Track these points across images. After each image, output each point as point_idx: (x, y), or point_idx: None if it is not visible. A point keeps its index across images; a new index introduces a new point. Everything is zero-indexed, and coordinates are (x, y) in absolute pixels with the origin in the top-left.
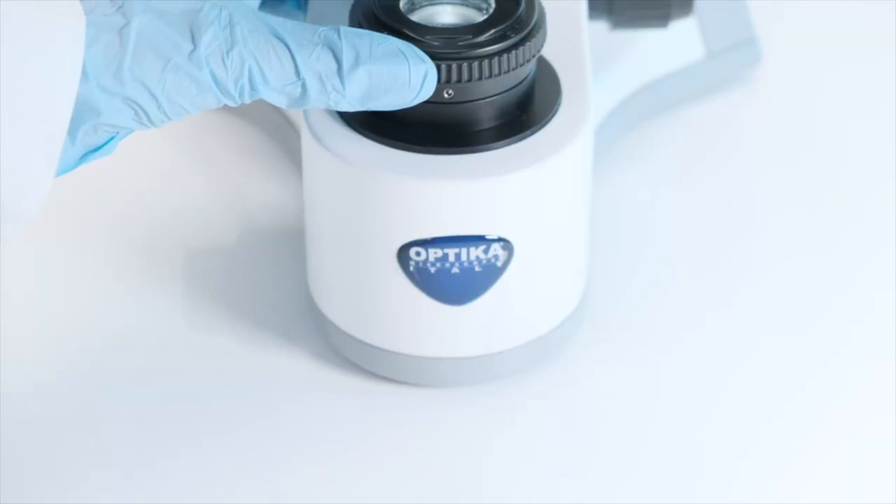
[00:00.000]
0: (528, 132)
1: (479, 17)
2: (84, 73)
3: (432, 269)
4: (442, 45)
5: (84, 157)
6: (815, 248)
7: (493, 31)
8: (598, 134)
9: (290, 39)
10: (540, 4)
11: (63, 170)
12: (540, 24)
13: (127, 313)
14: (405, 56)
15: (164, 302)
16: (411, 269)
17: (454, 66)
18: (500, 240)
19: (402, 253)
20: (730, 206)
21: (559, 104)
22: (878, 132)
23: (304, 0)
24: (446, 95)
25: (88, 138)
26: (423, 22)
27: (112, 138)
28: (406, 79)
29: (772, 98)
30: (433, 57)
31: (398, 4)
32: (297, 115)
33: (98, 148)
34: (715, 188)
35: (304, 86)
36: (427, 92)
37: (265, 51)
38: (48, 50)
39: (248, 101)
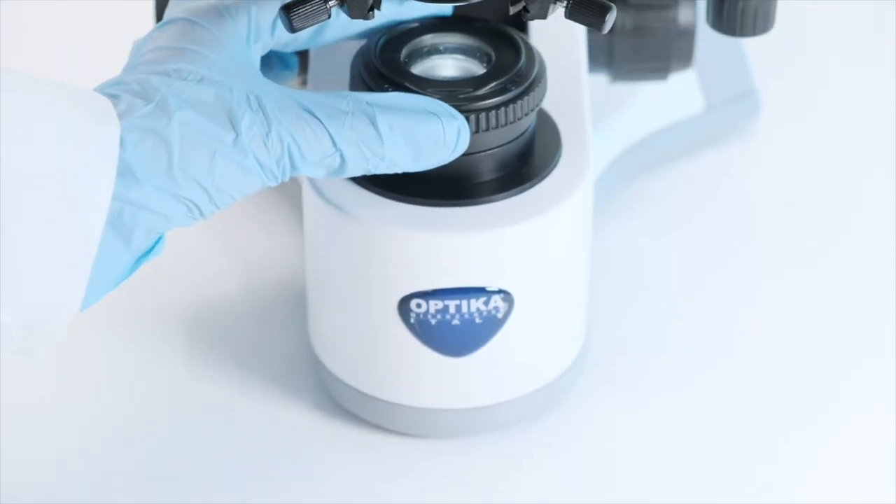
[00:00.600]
0: (528, 184)
1: (480, 70)
2: (135, 177)
3: (433, 321)
4: (443, 98)
5: (137, 262)
6: (816, 300)
7: (493, 84)
8: (598, 185)
9: (319, 112)
10: (540, 57)
11: (119, 279)
12: (540, 77)
13: (129, 362)
14: (436, 114)
15: (166, 351)
16: (412, 320)
17: None
18: (500, 291)
19: (403, 304)
20: (729, 257)
21: (559, 156)
22: (877, 185)
23: (293, 62)
24: None
25: (142, 242)
26: (423, 75)
27: (160, 238)
28: (441, 136)
29: (771, 150)
30: None
31: (399, 57)
32: None
33: (149, 250)
34: (714, 239)
35: (342, 156)
36: (462, 147)
37: (300, 127)
38: (81, 159)
39: (287, 179)
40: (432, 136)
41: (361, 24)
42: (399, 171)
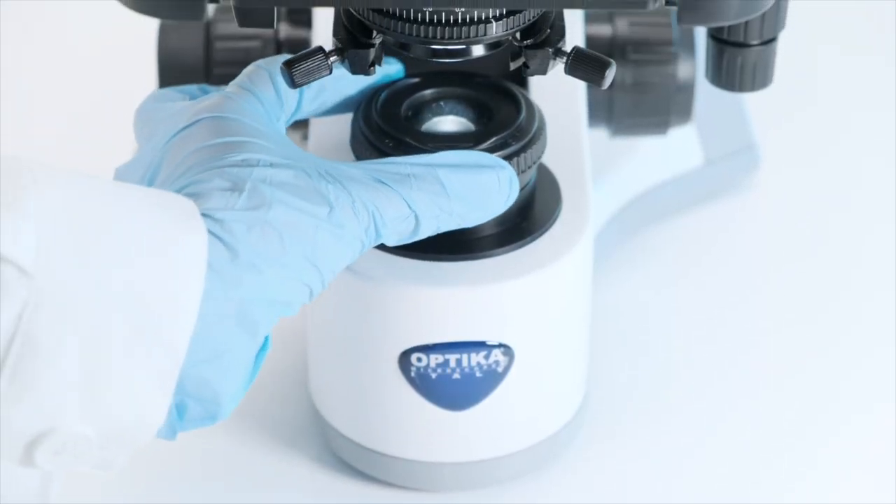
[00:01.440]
0: (528, 239)
1: (480, 125)
2: (254, 267)
3: (433, 375)
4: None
5: (258, 358)
6: (816, 354)
7: (494, 139)
8: (599, 240)
9: (386, 178)
10: (540, 112)
11: (251, 378)
12: (540, 132)
13: None
14: (488, 166)
15: None
16: (412, 374)
17: None
18: (500, 346)
19: (404, 359)
20: (729, 311)
21: (559, 211)
22: (877, 240)
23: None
24: None
25: (264, 334)
26: (425, 130)
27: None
28: (496, 185)
29: (770, 204)
30: None
31: (400, 113)
32: None
33: (263, 346)
34: (714, 293)
35: (416, 217)
36: (514, 194)
37: (376, 195)
38: (167, 273)
39: (373, 245)
40: (489, 186)
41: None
42: (465, 225)
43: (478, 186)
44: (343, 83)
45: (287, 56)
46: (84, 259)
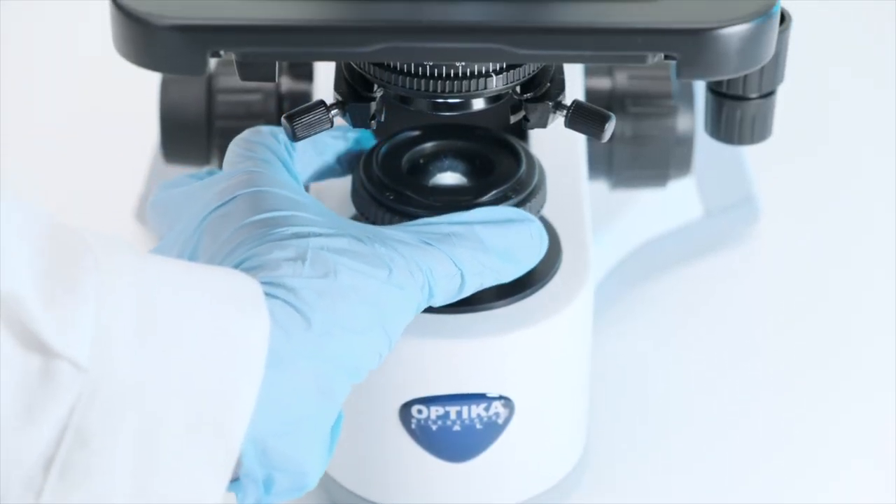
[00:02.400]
0: (528, 291)
1: (481, 178)
2: (330, 334)
3: (434, 427)
4: (444, 206)
5: (336, 427)
6: (818, 406)
7: (494, 191)
8: (599, 292)
9: (429, 238)
10: (540, 165)
11: (334, 443)
12: (540, 185)
13: None
14: (518, 220)
15: None
16: (413, 426)
17: None
18: (501, 398)
19: (404, 410)
20: (729, 363)
21: (559, 263)
22: (876, 292)
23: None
24: None
25: (342, 399)
26: (425, 183)
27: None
28: (528, 238)
29: (770, 256)
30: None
31: (400, 166)
32: None
33: (339, 415)
34: (714, 345)
35: (462, 275)
36: (545, 246)
37: (425, 255)
38: (228, 363)
39: (430, 304)
40: (522, 240)
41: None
42: (503, 280)
43: (512, 241)
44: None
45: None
46: (142, 349)
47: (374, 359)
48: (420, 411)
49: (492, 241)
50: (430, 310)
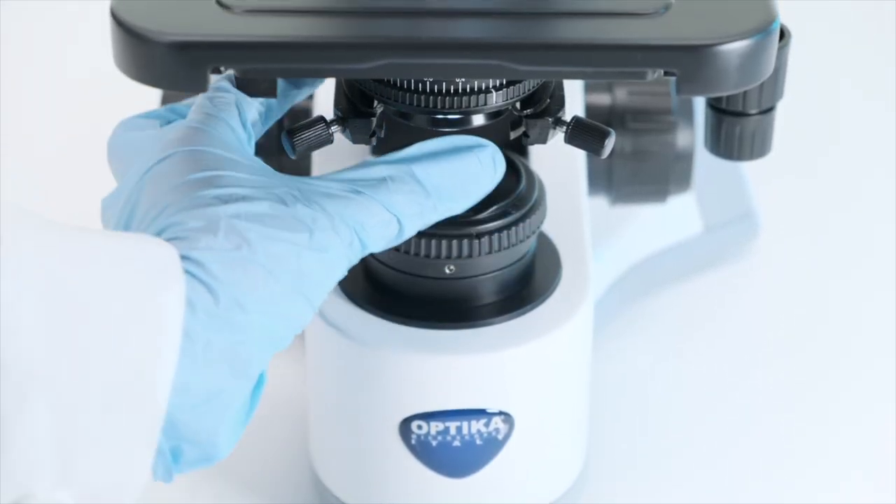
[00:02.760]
0: (528, 307)
1: None
2: (241, 307)
3: (434, 443)
4: (443, 222)
5: (254, 396)
6: (819, 420)
7: (494, 207)
8: (598, 307)
9: (362, 187)
10: (540, 181)
11: (247, 417)
12: (540, 201)
13: None
14: (467, 147)
15: None
16: (413, 442)
17: (455, 242)
18: (500, 413)
19: (404, 426)
20: (729, 378)
21: (559, 279)
22: (877, 306)
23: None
24: (447, 271)
25: (257, 371)
26: None
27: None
28: (478, 167)
29: (770, 271)
30: (435, 234)
31: None
32: None
33: (259, 383)
34: (714, 360)
35: (398, 221)
36: (501, 170)
37: (354, 207)
38: (144, 330)
39: (363, 256)
40: (471, 170)
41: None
42: (454, 213)
43: (459, 173)
44: (287, 101)
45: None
46: (52, 330)
47: (294, 327)
48: (420, 427)
49: (432, 179)
50: (430, 325)
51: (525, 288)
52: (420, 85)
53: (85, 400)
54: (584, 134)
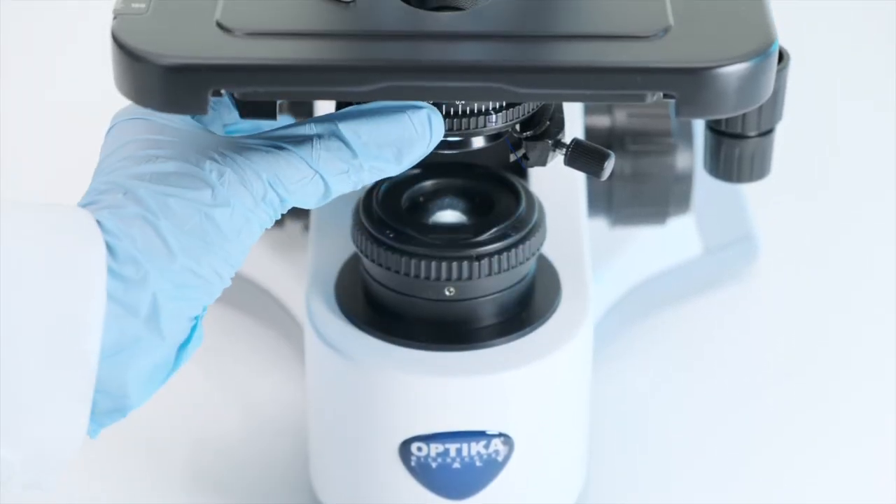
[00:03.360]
0: (528, 329)
1: (481, 216)
2: (143, 267)
3: (434, 464)
4: (443, 244)
5: (181, 352)
6: (819, 443)
7: (494, 230)
8: (598, 329)
9: (285, 143)
10: (540, 203)
11: (167, 373)
12: (540, 223)
13: None
14: (401, 109)
15: (166, 493)
16: (413, 463)
17: (455, 264)
18: (500, 435)
19: (404, 448)
20: (728, 399)
21: (559, 301)
22: (876, 328)
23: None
24: (448, 293)
25: (173, 329)
26: (424, 221)
27: (195, 326)
28: (412, 129)
29: (769, 293)
30: (435, 257)
31: (400, 204)
32: (300, 311)
33: (188, 340)
34: (714, 381)
35: (322, 178)
36: (437, 134)
37: (272, 161)
38: (69, 286)
39: (284, 211)
40: (404, 131)
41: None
42: (384, 175)
43: (389, 134)
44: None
45: None
46: None
47: (209, 286)
48: (420, 449)
49: (361, 138)
50: (429, 346)
51: (525, 310)
52: None
53: (19, 359)
54: (584, 156)
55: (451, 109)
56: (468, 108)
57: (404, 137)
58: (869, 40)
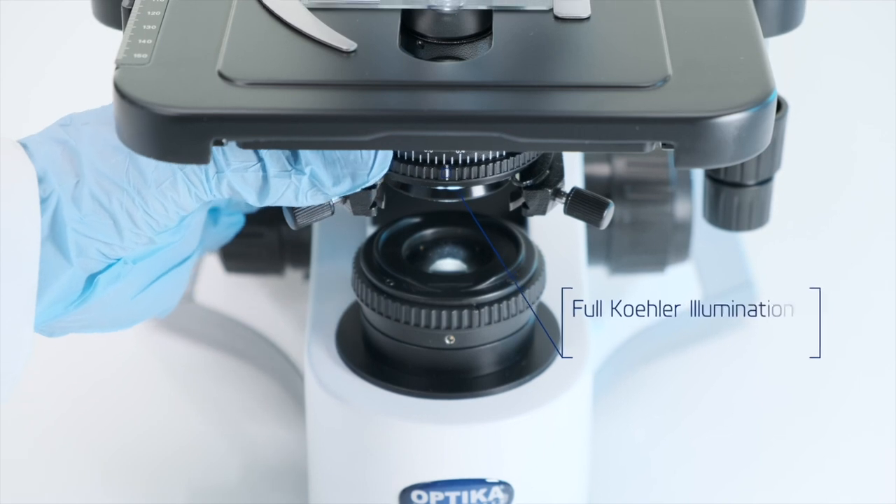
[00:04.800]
0: (527, 377)
1: (481, 265)
2: (59, 197)
3: None
4: (444, 293)
5: (92, 281)
6: (823, 488)
7: (493, 278)
8: (598, 377)
9: None
10: (539, 251)
11: (73, 297)
12: (539, 272)
13: None
14: None
15: None
16: None
17: (455, 313)
18: (500, 483)
19: (405, 495)
20: (728, 448)
21: (558, 349)
22: (877, 380)
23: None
24: (447, 341)
25: (87, 260)
26: (424, 269)
27: (114, 262)
28: (357, 153)
29: (769, 342)
30: (435, 305)
31: (400, 252)
32: (300, 359)
33: (102, 271)
34: (713, 430)
35: (265, 170)
36: (385, 164)
37: None
38: (7, 206)
39: (220, 192)
40: (353, 156)
41: None
42: (331, 193)
43: (336, 153)
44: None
45: None
46: None
47: (120, 223)
48: (420, 497)
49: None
50: (430, 394)
51: (524, 358)
52: (420, 157)
53: None
54: (583, 205)
55: (452, 158)
56: (468, 158)
57: (349, 156)
58: (866, 90)
